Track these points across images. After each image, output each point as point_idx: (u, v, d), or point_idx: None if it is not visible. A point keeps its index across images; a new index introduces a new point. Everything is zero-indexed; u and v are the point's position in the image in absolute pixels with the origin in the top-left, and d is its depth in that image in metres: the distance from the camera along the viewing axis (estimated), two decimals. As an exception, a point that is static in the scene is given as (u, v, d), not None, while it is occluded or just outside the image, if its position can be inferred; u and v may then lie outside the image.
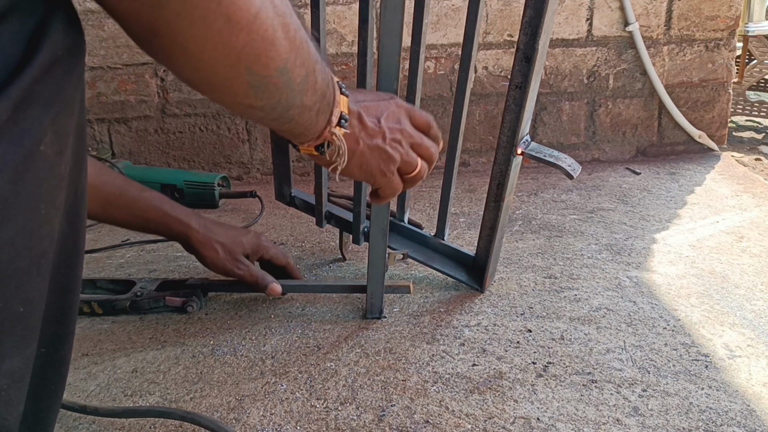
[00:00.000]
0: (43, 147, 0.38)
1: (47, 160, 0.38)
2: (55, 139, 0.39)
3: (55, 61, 0.37)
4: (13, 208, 0.37)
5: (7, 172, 0.35)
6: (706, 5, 1.83)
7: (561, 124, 1.88)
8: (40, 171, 0.38)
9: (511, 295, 1.13)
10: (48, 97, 0.37)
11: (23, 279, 0.40)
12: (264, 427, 0.82)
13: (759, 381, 0.89)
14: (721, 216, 1.46)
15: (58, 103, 0.38)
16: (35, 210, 0.39)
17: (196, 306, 1.10)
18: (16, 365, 0.42)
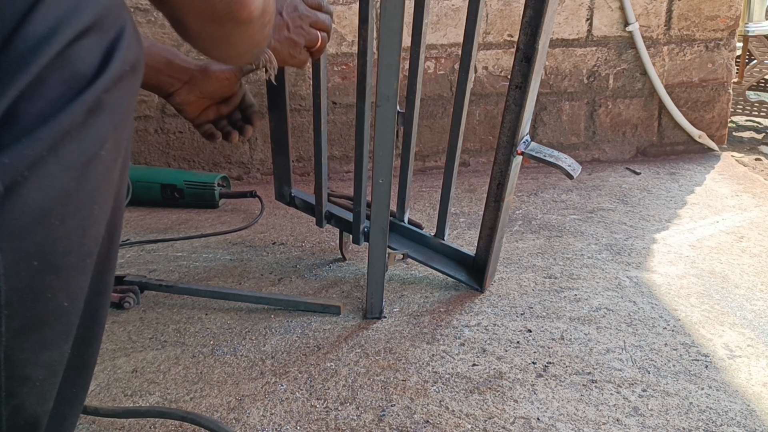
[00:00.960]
0: (103, 152, 0.41)
1: (105, 166, 0.42)
2: (113, 146, 0.42)
3: (122, 75, 0.41)
4: (74, 205, 0.40)
5: (73, 171, 0.39)
6: (706, 5, 1.83)
7: (561, 124, 1.88)
8: (98, 174, 0.41)
9: (511, 295, 1.13)
10: (113, 107, 0.41)
11: (71, 274, 0.42)
12: (264, 427, 0.82)
13: (759, 381, 0.89)
14: (721, 216, 1.46)
15: (120, 113, 0.42)
16: (90, 210, 0.42)
17: (132, 302, 1.11)
18: (54, 358, 0.44)
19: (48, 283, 0.41)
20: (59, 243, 0.40)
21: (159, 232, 1.47)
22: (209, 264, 1.29)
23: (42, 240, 0.39)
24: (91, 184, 0.41)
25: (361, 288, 1.17)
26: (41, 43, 0.36)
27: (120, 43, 0.41)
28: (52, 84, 0.37)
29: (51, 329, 0.43)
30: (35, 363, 0.43)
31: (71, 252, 0.41)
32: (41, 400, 0.45)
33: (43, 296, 0.41)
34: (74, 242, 0.41)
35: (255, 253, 1.34)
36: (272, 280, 1.22)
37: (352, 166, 1.83)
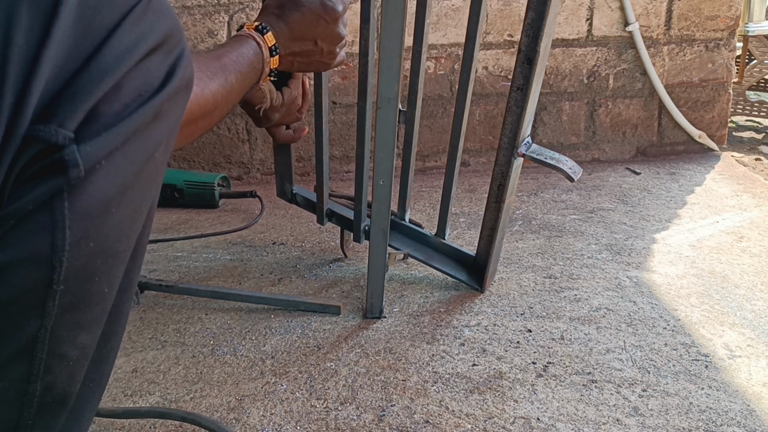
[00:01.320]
0: (157, 154, 0.47)
1: (156, 166, 0.48)
2: (164, 150, 0.48)
3: (180, 89, 0.47)
4: (129, 197, 0.45)
5: (134, 166, 0.45)
6: (706, 5, 1.83)
7: (561, 124, 1.88)
8: (150, 174, 0.47)
9: (511, 295, 1.13)
10: (170, 115, 0.47)
11: (115, 263, 0.47)
12: (264, 427, 0.82)
13: (759, 381, 0.89)
14: (721, 216, 1.46)
15: (173, 122, 0.48)
16: (139, 205, 0.47)
17: (133, 302, 1.11)
18: (87, 341, 0.48)
19: (97, 267, 0.45)
20: (112, 230, 0.45)
21: (159, 232, 1.47)
22: (209, 264, 1.29)
23: (100, 224, 0.44)
24: (143, 181, 0.46)
25: (361, 288, 1.17)
26: (124, 55, 0.43)
27: (180, 62, 0.48)
28: (128, 90, 0.44)
29: (91, 312, 0.47)
30: (72, 342, 0.46)
31: (120, 240, 0.46)
32: (71, 380, 0.48)
33: (92, 278, 0.45)
34: (123, 232, 0.46)
35: (255, 253, 1.34)
36: (272, 280, 1.22)
37: (352, 166, 1.83)
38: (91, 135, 0.42)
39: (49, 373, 0.46)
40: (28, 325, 0.44)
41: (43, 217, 0.41)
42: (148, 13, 0.45)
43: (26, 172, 0.41)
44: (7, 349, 0.44)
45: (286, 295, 1.13)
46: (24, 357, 0.44)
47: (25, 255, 0.41)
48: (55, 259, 0.42)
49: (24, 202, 0.41)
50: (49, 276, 0.42)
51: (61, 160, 0.40)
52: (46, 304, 0.43)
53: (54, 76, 0.41)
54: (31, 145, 0.40)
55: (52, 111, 0.41)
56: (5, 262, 0.41)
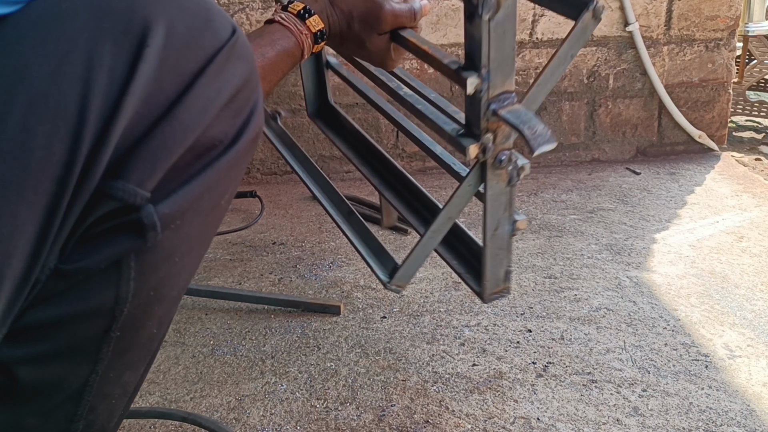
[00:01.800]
0: (223, 202, 0.46)
1: (221, 213, 0.47)
2: (230, 197, 0.47)
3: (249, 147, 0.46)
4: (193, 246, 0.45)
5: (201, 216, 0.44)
6: (706, 5, 1.83)
7: (561, 124, 1.88)
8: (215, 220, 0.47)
9: (511, 295, 1.13)
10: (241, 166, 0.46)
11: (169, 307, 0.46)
12: (264, 427, 0.82)
13: (759, 381, 0.89)
14: (721, 216, 1.46)
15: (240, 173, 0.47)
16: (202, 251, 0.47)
17: None
18: (132, 379, 0.48)
19: (153, 312, 0.44)
20: (173, 278, 0.44)
21: (159, 232, 1.47)
22: (209, 264, 1.29)
23: (164, 275, 0.43)
24: (208, 229, 0.46)
25: (362, 288, 1.17)
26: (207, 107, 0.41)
27: (255, 112, 0.46)
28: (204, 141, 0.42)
29: (139, 353, 0.46)
30: (117, 382, 0.46)
31: (177, 286, 0.46)
32: (110, 417, 0.48)
33: (146, 323, 0.45)
34: (182, 278, 0.46)
35: (255, 253, 1.34)
36: (272, 280, 1.22)
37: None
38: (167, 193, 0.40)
39: (92, 412, 0.45)
40: (81, 371, 0.43)
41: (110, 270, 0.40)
42: (232, 58, 0.42)
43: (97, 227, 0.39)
44: (59, 394, 0.43)
45: (286, 295, 1.13)
46: (73, 400, 0.44)
47: (90, 307, 0.41)
48: (117, 310, 0.41)
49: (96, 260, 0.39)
50: (108, 325, 0.42)
51: (138, 222, 0.39)
52: (101, 351, 0.43)
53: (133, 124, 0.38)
54: (106, 202, 0.38)
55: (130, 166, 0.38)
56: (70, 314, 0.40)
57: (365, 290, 1.16)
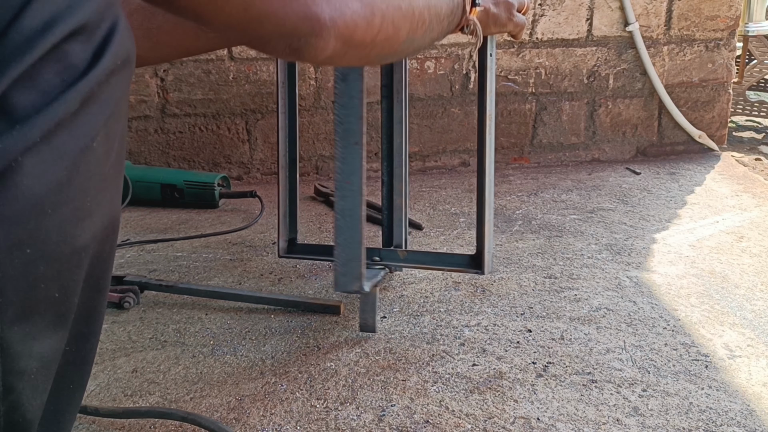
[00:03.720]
0: (95, 144, 0.42)
1: (97, 158, 0.43)
2: (104, 139, 0.43)
3: (114, 69, 0.42)
4: (66, 194, 0.41)
5: (66, 161, 0.40)
6: (706, 5, 1.83)
7: (561, 124, 1.88)
8: (90, 166, 0.42)
9: (511, 295, 1.13)
10: (105, 100, 0.42)
11: (64, 266, 0.42)
12: (264, 427, 0.82)
13: (759, 381, 0.89)
14: (721, 216, 1.46)
15: (111, 107, 0.43)
16: (82, 201, 0.42)
17: (133, 302, 1.11)
18: (46, 349, 0.44)
19: (41, 273, 0.41)
20: (52, 232, 0.40)
21: (159, 232, 1.47)
22: (209, 264, 1.29)
23: (35, 227, 0.39)
24: (83, 176, 0.42)
25: (361, 288, 1.17)
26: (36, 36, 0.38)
27: (112, 38, 0.42)
28: (45, 75, 0.38)
29: (42, 319, 0.43)
30: (28, 355, 0.43)
31: (64, 242, 0.42)
32: (35, 393, 0.45)
33: (37, 286, 0.41)
34: (67, 233, 0.42)
35: (255, 253, 1.34)
36: (272, 280, 1.22)
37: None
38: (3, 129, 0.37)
39: (11, 392, 0.42)
40: None
41: None
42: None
43: None
44: None
45: (286, 295, 1.13)
46: None
47: None
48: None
49: None
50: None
51: None
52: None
53: None
54: None
55: None
56: None
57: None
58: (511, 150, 1.88)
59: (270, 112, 1.79)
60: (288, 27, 0.53)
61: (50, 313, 0.43)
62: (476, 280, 1.19)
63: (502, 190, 1.68)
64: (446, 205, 1.58)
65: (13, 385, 0.42)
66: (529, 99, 1.85)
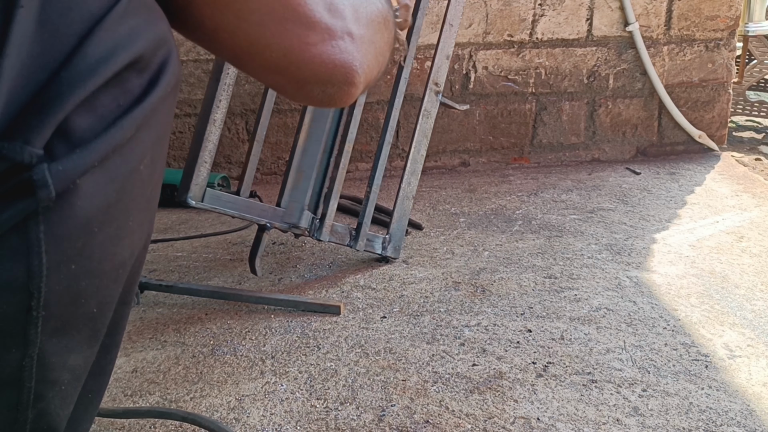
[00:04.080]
0: (142, 167, 0.44)
1: (143, 180, 0.44)
2: (150, 162, 0.45)
3: (166, 96, 0.44)
4: (112, 215, 0.42)
5: (116, 183, 0.42)
6: (706, 5, 1.83)
7: (561, 124, 1.88)
8: (136, 188, 0.44)
9: (511, 295, 1.13)
10: (155, 124, 0.44)
11: (104, 282, 0.44)
12: (264, 427, 0.82)
13: (759, 381, 0.89)
14: (721, 216, 1.46)
15: (159, 131, 0.45)
16: (126, 221, 0.44)
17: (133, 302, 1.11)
18: (79, 362, 0.46)
19: (83, 289, 0.42)
20: (96, 250, 0.42)
21: (159, 232, 1.47)
22: (209, 264, 1.29)
23: (82, 246, 0.41)
24: (128, 196, 0.43)
25: (362, 288, 1.17)
26: (99, 64, 0.40)
27: (166, 67, 0.44)
28: (104, 101, 0.40)
29: (79, 334, 0.44)
30: (62, 367, 0.44)
31: (106, 260, 0.43)
32: (63, 404, 0.46)
33: (77, 301, 0.42)
34: (109, 251, 0.43)
35: (255, 253, 1.34)
36: (272, 280, 1.22)
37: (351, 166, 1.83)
38: (64, 152, 0.38)
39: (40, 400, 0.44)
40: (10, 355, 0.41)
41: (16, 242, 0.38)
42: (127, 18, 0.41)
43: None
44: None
45: (286, 295, 1.13)
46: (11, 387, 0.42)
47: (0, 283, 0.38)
48: (32, 285, 0.39)
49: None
50: (27, 303, 0.40)
51: (29, 181, 0.37)
52: (27, 332, 0.41)
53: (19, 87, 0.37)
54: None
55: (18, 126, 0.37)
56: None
57: (365, 290, 1.16)
58: (511, 150, 1.88)
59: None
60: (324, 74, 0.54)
61: (87, 328, 0.45)
62: (476, 280, 1.19)
63: (502, 190, 1.68)
64: (446, 205, 1.58)
65: (44, 393, 0.44)
66: (529, 99, 1.85)
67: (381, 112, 1.79)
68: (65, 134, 0.39)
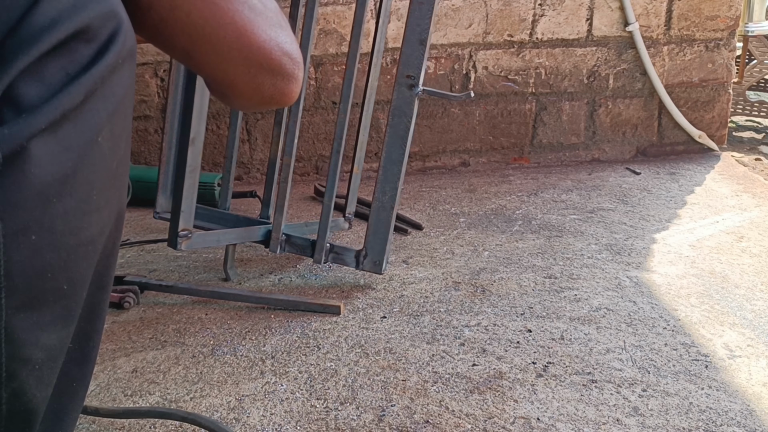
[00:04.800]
0: (100, 140, 0.43)
1: (103, 153, 0.44)
2: (110, 136, 0.44)
3: (116, 66, 0.44)
4: (71, 186, 0.42)
5: (71, 153, 0.41)
6: (706, 5, 1.83)
7: (561, 124, 1.88)
8: (96, 160, 0.43)
9: (511, 295, 1.13)
10: (108, 96, 0.44)
11: (71, 257, 0.44)
12: (264, 427, 0.82)
13: (759, 381, 0.89)
14: (721, 216, 1.46)
15: (114, 103, 0.44)
16: (88, 194, 0.44)
17: (133, 302, 1.11)
18: (53, 342, 0.45)
19: (48, 262, 0.42)
20: (57, 222, 0.42)
21: (159, 232, 1.47)
22: (209, 264, 1.29)
23: (40, 215, 0.40)
24: (88, 169, 0.43)
25: (361, 288, 1.17)
26: (43, 32, 0.40)
27: (116, 37, 0.44)
28: (51, 69, 0.40)
29: (50, 311, 0.44)
30: (34, 344, 0.43)
31: (71, 233, 0.43)
32: (40, 384, 0.45)
33: (44, 275, 0.42)
34: (73, 224, 0.43)
35: (255, 253, 1.34)
36: (272, 280, 1.22)
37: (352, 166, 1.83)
38: (9, 118, 0.39)
39: (13, 379, 0.43)
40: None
41: None
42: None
43: None
44: None
45: (286, 295, 1.13)
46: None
47: None
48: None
49: None
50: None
51: None
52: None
53: None
54: None
55: None
56: None
57: (365, 290, 1.16)
58: (511, 150, 1.88)
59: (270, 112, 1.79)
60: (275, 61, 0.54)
61: (59, 305, 0.44)
62: (476, 280, 1.19)
63: (502, 190, 1.68)
64: (446, 205, 1.58)
65: (16, 372, 0.43)
66: (529, 99, 1.85)
67: (381, 112, 1.79)
68: (12, 100, 0.39)
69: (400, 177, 1.12)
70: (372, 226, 1.13)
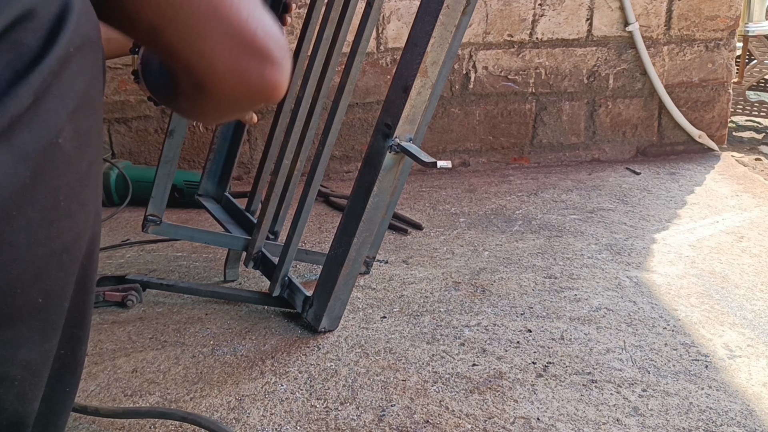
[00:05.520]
0: (61, 140, 0.39)
1: (66, 154, 0.39)
2: (73, 135, 0.40)
3: (68, 56, 0.38)
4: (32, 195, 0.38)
5: (27, 161, 0.37)
6: (706, 5, 1.83)
7: (561, 124, 1.88)
8: (58, 164, 0.39)
9: (511, 295, 1.13)
10: (65, 91, 0.39)
11: (42, 269, 0.40)
12: (264, 427, 0.82)
13: (759, 381, 0.89)
14: (721, 216, 1.46)
15: (74, 98, 0.39)
16: (54, 202, 0.40)
17: (135, 300, 1.11)
18: (33, 357, 0.42)
19: (14, 277, 0.39)
20: (21, 235, 0.38)
21: (159, 232, 1.47)
22: (209, 264, 1.29)
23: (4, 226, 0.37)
24: (50, 174, 0.39)
25: (361, 288, 1.17)
26: None
27: (66, 22, 0.38)
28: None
29: (25, 326, 0.41)
30: (11, 362, 0.41)
31: (37, 244, 0.39)
32: (22, 400, 0.43)
33: (12, 291, 0.39)
34: (40, 235, 0.39)
35: (255, 253, 1.34)
36: (272, 280, 1.22)
37: (351, 166, 1.83)
38: None
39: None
40: None
41: None
42: None
43: None
44: None
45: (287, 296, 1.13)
46: None
47: None
48: None
49: None
50: None
51: None
52: None
53: None
54: None
55: None
56: None
57: (365, 290, 1.16)
58: (511, 150, 1.88)
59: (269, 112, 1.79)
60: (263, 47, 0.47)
61: (35, 319, 0.41)
62: (476, 280, 1.19)
63: (502, 190, 1.68)
64: (446, 205, 1.58)
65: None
66: (529, 99, 1.85)
67: (381, 112, 1.78)
68: None
69: (356, 232, 0.96)
70: (322, 277, 1.02)
